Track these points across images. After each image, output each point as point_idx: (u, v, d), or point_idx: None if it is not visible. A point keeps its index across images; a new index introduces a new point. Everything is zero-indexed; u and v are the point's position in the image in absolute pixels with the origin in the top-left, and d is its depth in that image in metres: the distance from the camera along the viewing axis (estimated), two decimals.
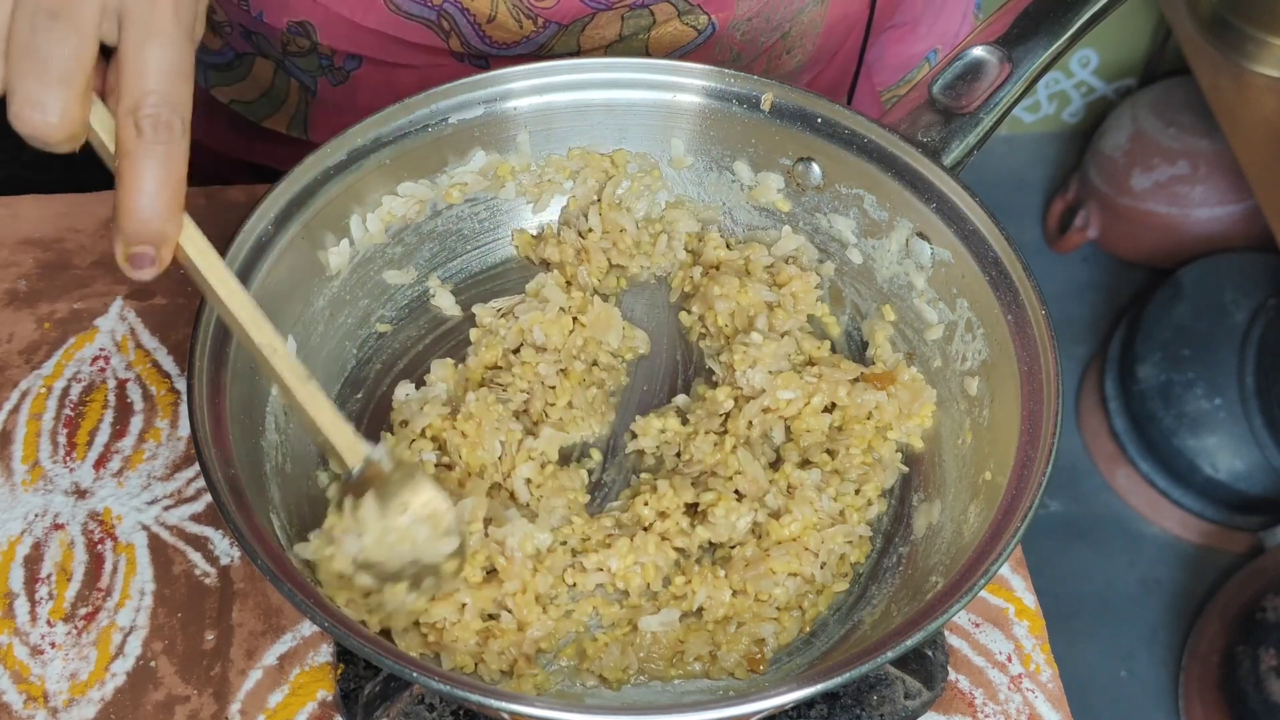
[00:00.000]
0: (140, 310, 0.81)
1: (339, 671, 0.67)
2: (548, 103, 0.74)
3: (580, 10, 0.77)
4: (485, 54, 0.81)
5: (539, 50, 0.80)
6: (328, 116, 0.88)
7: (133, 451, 0.76)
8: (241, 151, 0.94)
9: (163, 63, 0.48)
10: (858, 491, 0.68)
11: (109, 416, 0.77)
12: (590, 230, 0.77)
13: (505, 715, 0.60)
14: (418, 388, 0.72)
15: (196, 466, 0.74)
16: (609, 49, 0.81)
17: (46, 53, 0.46)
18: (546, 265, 0.77)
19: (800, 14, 0.84)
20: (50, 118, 0.47)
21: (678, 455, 0.70)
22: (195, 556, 0.72)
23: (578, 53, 0.81)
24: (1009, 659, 0.71)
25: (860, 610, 0.66)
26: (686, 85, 0.74)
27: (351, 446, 0.59)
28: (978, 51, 0.72)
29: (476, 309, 0.75)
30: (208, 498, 0.74)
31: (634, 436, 0.71)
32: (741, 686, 0.64)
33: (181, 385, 0.78)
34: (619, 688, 0.64)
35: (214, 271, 0.56)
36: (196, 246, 0.55)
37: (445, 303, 0.76)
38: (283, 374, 0.58)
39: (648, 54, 0.82)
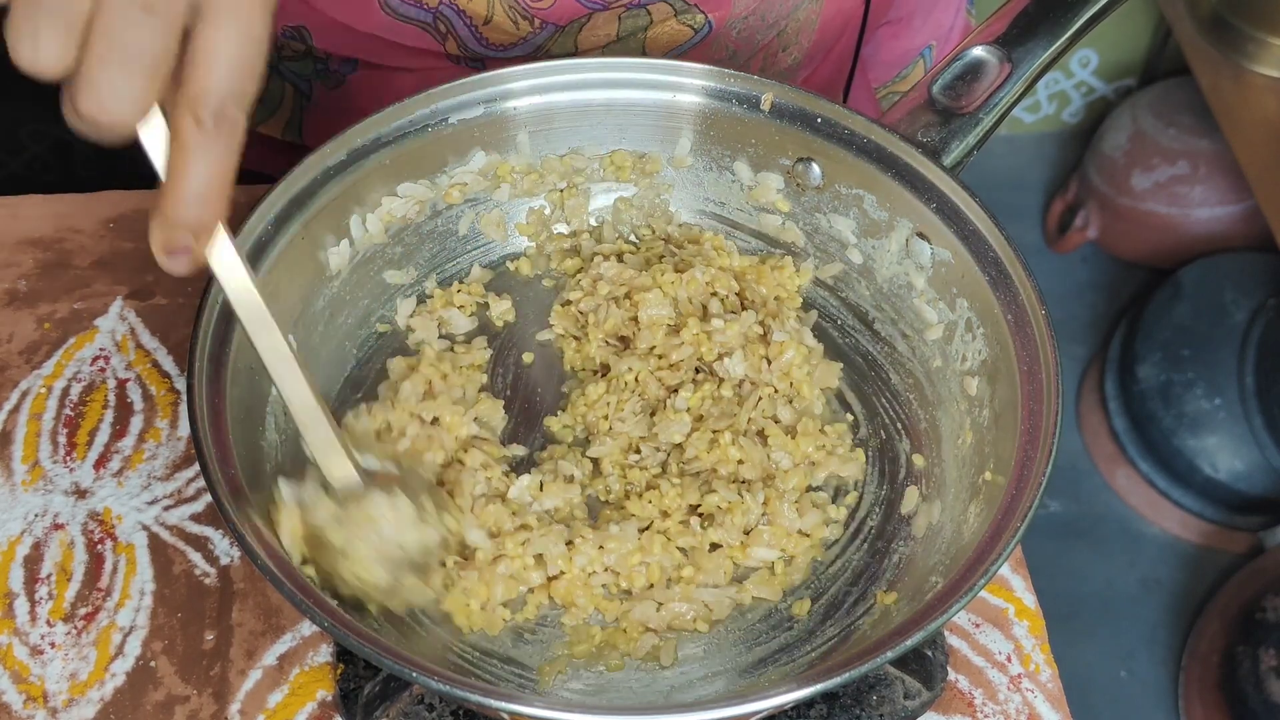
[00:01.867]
0: (140, 310, 0.82)
1: (339, 671, 0.67)
2: (548, 103, 0.74)
3: (577, 11, 0.77)
4: (482, 56, 0.81)
5: (536, 52, 0.80)
6: (323, 121, 0.88)
7: (133, 451, 0.76)
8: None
9: (234, 56, 0.47)
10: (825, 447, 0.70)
11: (109, 416, 0.77)
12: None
13: (505, 715, 0.60)
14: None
15: (196, 466, 0.74)
16: (606, 49, 0.81)
17: (136, 46, 0.44)
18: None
19: (796, 11, 0.84)
20: (126, 108, 0.45)
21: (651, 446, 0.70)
22: (195, 556, 0.72)
23: (575, 54, 0.81)
24: (1009, 659, 0.71)
25: (860, 610, 0.66)
26: (686, 85, 0.74)
27: (336, 468, 0.60)
28: (977, 51, 0.72)
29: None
30: (208, 498, 0.74)
31: (544, 446, 0.71)
32: (741, 686, 0.64)
33: (181, 385, 0.78)
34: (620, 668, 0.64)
35: (232, 280, 0.55)
36: (222, 246, 0.54)
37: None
38: (291, 396, 0.58)
39: (645, 54, 0.82)
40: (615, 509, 0.69)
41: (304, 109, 0.88)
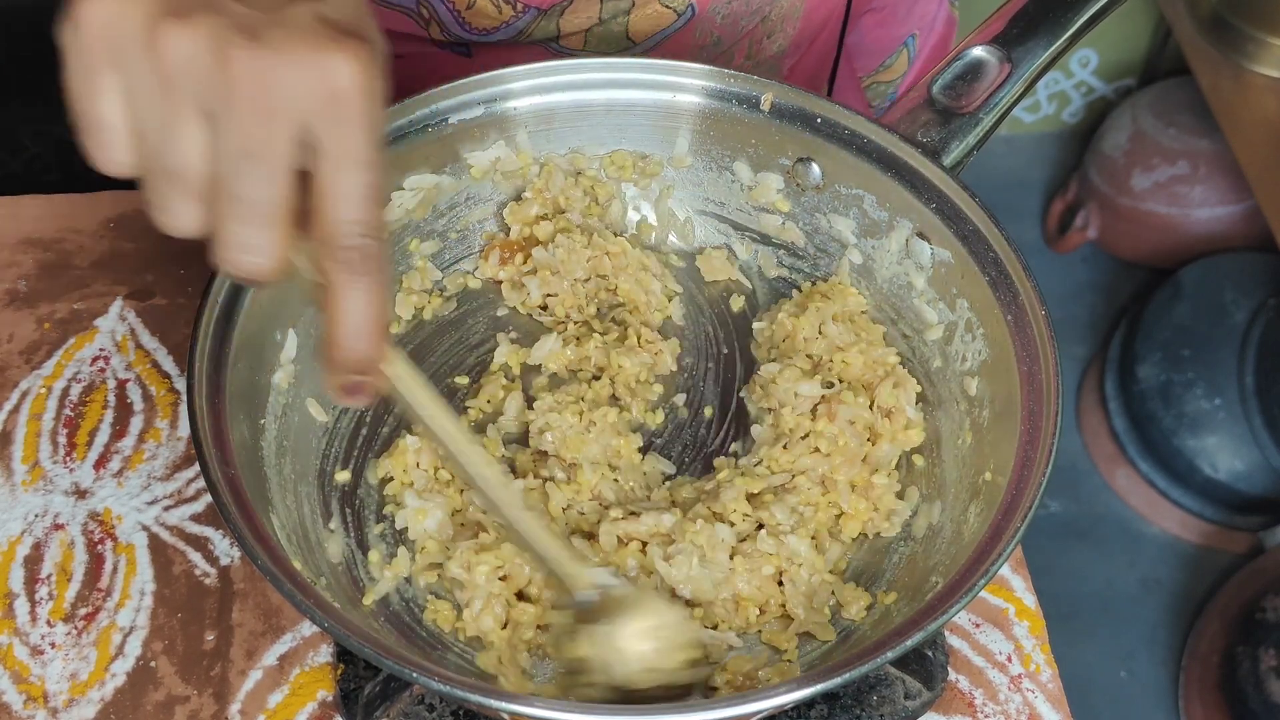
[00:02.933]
0: (140, 311, 0.81)
1: (339, 672, 0.67)
2: (548, 103, 0.74)
3: None
4: (466, 41, 0.81)
5: (518, 35, 0.80)
6: None
7: (133, 452, 0.76)
8: None
9: (357, 190, 0.47)
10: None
11: (109, 417, 0.77)
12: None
13: (505, 715, 0.60)
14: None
15: (196, 466, 0.74)
16: (588, 32, 0.81)
17: (250, 196, 0.45)
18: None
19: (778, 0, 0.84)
20: (260, 259, 0.46)
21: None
22: (195, 557, 0.72)
23: (557, 37, 0.81)
24: (1009, 659, 0.71)
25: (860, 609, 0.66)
26: (686, 85, 0.74)
27: (578, 575, 0.60)
28: (977, 51, 0.72)
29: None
30: (207, 498, 0.74)
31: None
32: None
33: (181, 385, 0.78)
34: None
35: (420, 398, 0.55)
36: (398, 370, 0.54)
37: (449, 304, 0.76)
38: (502, 504, 0.58)
39: (627, 37, 0.82)
40: (586, 537, 0.67)
41: None
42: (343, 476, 0.69)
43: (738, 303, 0.77)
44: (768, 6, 0.84)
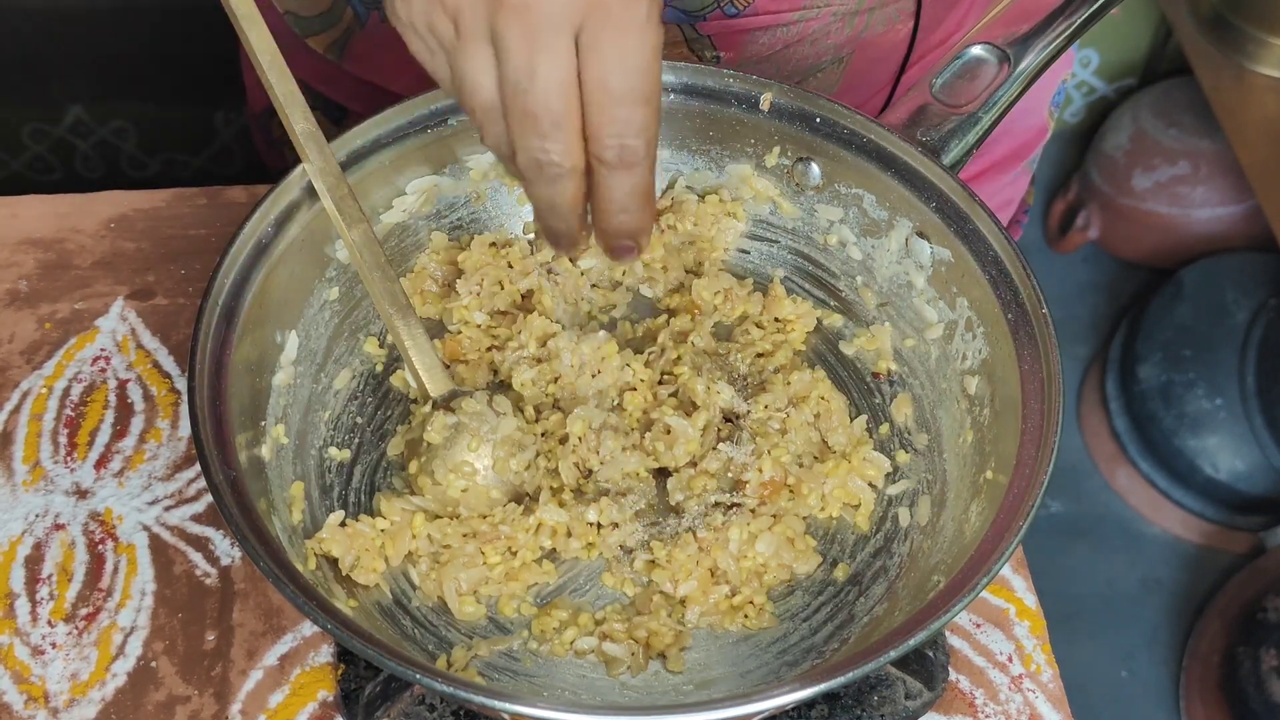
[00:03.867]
0: (141, 311, 0.82)
1: (340, 672, 0.67)
2: None
3: None
4: None
5: None
6: (367, 50, 0.87)
7: (133, 452, 0.76)
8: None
9: (619, 92, 0.50)
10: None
11: (110, 417, 0.77)
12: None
13: (505, 715, 0.60)
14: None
15: (197, 466, 0.75)
16: None
17: (534, 109, 0.51)
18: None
19: (815, 70, 0.84)
20: (555, 162, 0.52)
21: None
22: (196, 557, 0.72)
23: None
24: (1010, 659, 0.71)
25: (860, 609, 0.66)
26: (686, 85, 0.74)
27: (436, 383, 0.67)
28: (977, 50, 0.72)
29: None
30: (208, 498, 0.74)
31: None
32: (743, 686, 0.64)
33: (182, 385, 0.78)
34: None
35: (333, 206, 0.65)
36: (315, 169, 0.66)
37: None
38: (379, 300, 0.66)
39: None
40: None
41: (355, 34, 0.88)
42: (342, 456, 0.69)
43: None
44: (798, 76, 0.83)
